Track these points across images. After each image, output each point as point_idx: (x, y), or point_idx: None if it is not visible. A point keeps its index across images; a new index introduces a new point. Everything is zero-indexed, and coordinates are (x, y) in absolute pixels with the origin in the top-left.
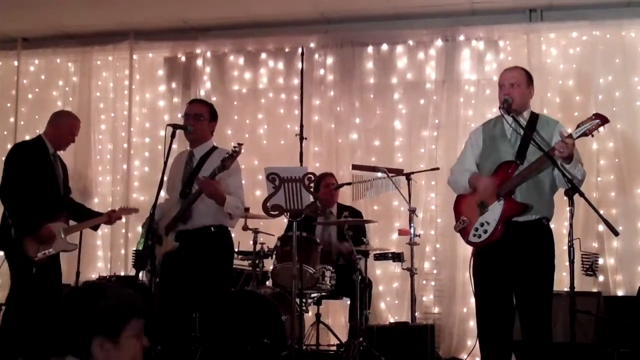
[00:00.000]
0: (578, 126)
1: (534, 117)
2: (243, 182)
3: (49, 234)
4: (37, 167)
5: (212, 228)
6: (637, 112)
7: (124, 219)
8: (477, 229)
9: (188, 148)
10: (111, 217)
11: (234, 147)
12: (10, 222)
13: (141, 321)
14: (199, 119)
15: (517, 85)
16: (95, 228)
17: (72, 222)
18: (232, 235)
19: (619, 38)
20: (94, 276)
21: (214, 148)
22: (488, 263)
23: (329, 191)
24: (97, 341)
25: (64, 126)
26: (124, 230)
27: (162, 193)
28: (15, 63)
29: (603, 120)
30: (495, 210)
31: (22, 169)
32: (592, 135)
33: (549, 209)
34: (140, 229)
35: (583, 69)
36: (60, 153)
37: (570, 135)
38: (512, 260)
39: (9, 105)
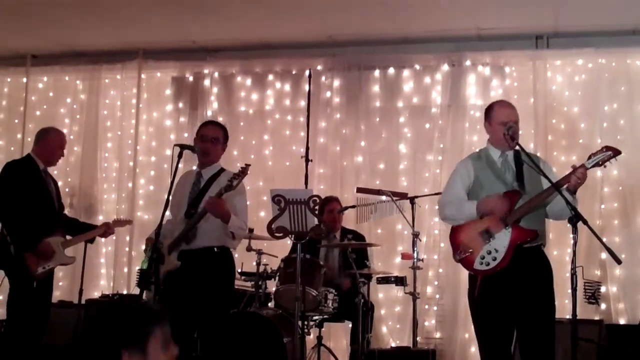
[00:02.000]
0: (590, 157)
1: (517, 152)
2: (247, 202)
3: (49, 248)
4: (29, 184)
5: (215, 249)
6: None
7: (127, 238)
8: (483, 257)
9: (194, 168)
10: (107, 230)
11: (241, 167)
12: (9, 240)
13: (166, 329)
14: (216, 142)
15: (517, 123)
16: (92, 241)
17: (68, 237)
18: (236, 256)
19: (624, 66)
20: (96, 294)
21: (222, 170)
22: (494, 289)
23: (332, 216)
24: (126, 355)
25: (53, 141)
26: (127, 249)
27: (168, 212)
28: (24, 80)
29: (615, 151)
30: (503, 238)
31: (15, 187)
32: (605, 166)
33: (545, 236)
34: (143, 247)
35: (588, 96)
36: (67, 170)
37: (582, 166)
38: (517, 285)
39: (16, 121)
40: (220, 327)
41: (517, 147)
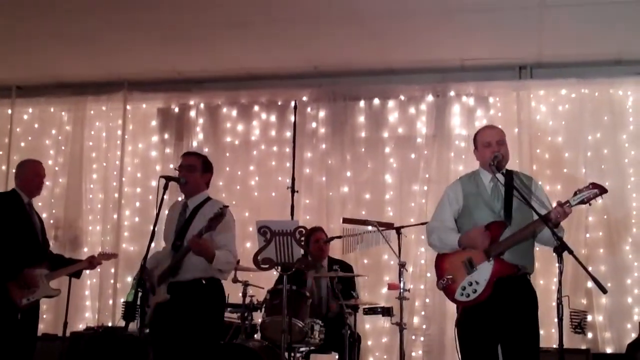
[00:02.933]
0: (575, 194)
1: (509, 174)
2: (235, 234)
3: (33, 279)
4: (14, 217)
5: (203, 280)
6: (625, 169)
7: (112, 270)
8: (464, 288)
9: (180, 198)
10: (92, 263)
11: (220, 208)
12: None
13: None
14: (192, 170)
15: (502, 143)
16: (78, 275)
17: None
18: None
19: (607, 96)
20: (81, 327)
21: (208, 199)
22: (475, 320)
23: (318, 246)
24: None
25: (28, 172)
26: (112, 281)
27: (153, 244)
28: (9, 111)
29: (601, 190)
30: (485, 270)
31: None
32: (590, 204)
33: (532, 264)
34: (130, 279)
35: (572, 125)
36: (51, 201)
37: (567, 203)
38: (499, 316)
39: (1, 153)
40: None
41: (508, 169)
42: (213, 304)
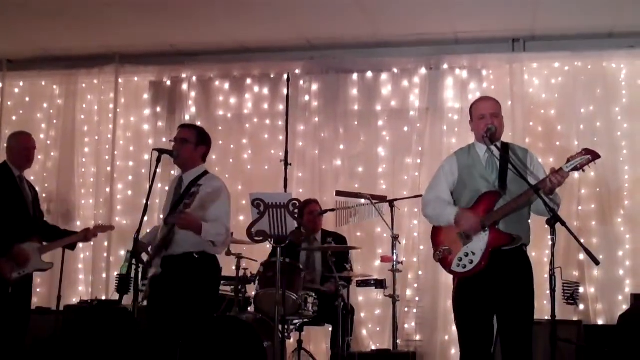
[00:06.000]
0: (568, 160)
1: (505, 146)
2: (229, 207)
3: (23, 254)
4: (3, 191)
5: (195, 254)
6: (617, 142)
7: (105, 243)
8: (461, 259)
9: (172, 172)
10: (87, 235)
11: (194, 187)
12: None
13: None
14: (184, 143)
15: (496, 116)
16: (72, 247)
17: (45, 243)
18: None
19: (600, 69)
20: (75, 300)
21: (204, 173)
22: (471, 291)
23: (312, 218)
24: None
25: (16, 145)
26: (105, 254)
27: (146, 217)
28: (0, 85)
29: (594, 155)
30: (481, 241)
31: None
32: (584, 170)
33: (528, 235)
34: (123, 252)
35: (565, 98)
36: (44, 175)
37: (561, 169)
38: (495, 287)
39: None
40: (201, 332)
41: (504, 142)
42: (204, 277)
